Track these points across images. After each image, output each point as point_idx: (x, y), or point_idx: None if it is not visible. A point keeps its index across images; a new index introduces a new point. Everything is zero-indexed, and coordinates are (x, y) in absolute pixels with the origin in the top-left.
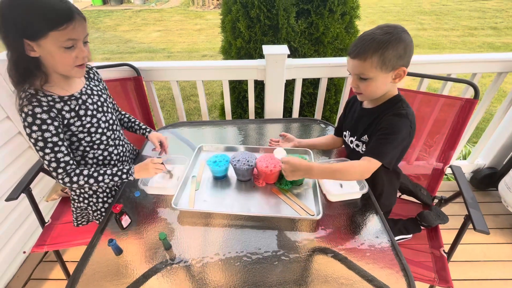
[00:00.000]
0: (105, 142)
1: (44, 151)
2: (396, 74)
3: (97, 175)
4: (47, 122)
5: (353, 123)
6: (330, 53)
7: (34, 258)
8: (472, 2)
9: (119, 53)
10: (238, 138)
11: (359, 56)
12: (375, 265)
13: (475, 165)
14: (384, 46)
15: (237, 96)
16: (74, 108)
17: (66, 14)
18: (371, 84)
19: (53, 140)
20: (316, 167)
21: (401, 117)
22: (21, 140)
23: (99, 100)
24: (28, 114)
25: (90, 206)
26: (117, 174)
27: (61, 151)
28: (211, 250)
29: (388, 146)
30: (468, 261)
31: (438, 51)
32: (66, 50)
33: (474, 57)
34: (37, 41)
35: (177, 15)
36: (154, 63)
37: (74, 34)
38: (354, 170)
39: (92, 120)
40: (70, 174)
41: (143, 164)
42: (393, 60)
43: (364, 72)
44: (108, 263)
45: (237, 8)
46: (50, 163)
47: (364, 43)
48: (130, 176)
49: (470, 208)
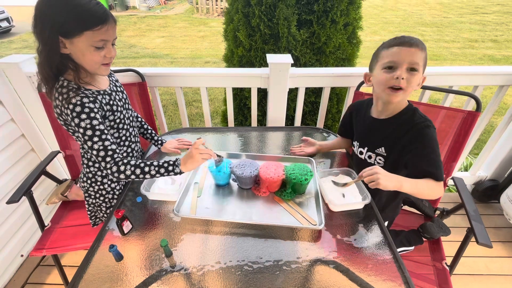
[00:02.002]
0: (129, 138)
1: (93, 139)
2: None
3: (144, 166)
4: (94, 110)
5: (364, 133)
6: (332, 63)
7: (32, 262)
8: (473, 15)
9: (123, 58)
10: (240, 145)
11: (416, 45)
12: (377, 277)
13: (477, 177)
14: (425, 48)
15: (238, 103)
16: (108, 102)
17: (102, 16)
18: (417, 77)
19: (100, 128)
20: (405, 178)
21: (430, 128)
22: (24, 142)
23: (123, 97)
24: (77, 104)
25: (105, 203)
26: (163, 166)
27: (108, 139)
28: (212, 258)
29: (438, 159)
30: (470, 274)
31: (439, 62)
32: (96, 49)
33: (476, 69)
34: (70, 39)
35: (181, 22)
36: (159, 69)
37: (106, 36)
38: (431, 188)
39: (120, 116)
40: (118, 163)
41: (187, 154)
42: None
43: (418, 62)
44: (108, 269)
45: (238, 18)
46: (99, 152)
47: (411, 38)
48: (176, 167)
49: (473, 220)
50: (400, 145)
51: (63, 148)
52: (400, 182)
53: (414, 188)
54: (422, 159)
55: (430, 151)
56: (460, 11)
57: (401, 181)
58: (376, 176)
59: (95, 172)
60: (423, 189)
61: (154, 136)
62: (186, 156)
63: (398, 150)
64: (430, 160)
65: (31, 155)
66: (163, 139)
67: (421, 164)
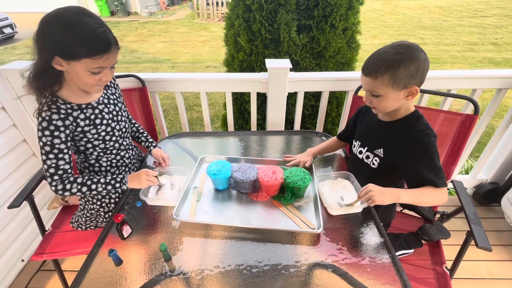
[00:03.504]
0: (117, 148)
1: (48, 156)
2: (409, 92)
3: (90, 183)
4: (60, 129)
5: (367, 133)
6: (332, 67)
7: (32, 266)
8: (472, 18)
9: (124, 63)
10: (239, 149)
11: (370, 74)
12: (376, 281)
13: (477, 180)
14: (395, 66)
15: (239, 107)
16: (89, 116)
17: (104, 46)
18: (383, 100)
19: (60, 147)
20: (401, 190)
21: (431, 137)
22: (26, 148)
23: (115, 110)
24: (45, 119)
25: (103, 208)
26: (111, 183)
27: (64, 158)
28: (211, 262)
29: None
30: (471, 278)
31: (439, 65)
32: (92, 73)
33: (474, 73)
34: (68, 61)
35: (182, 27)
36: (159, 74)
37: (105, 63)
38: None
39: (107, 129)
40: (64, 182)
41: (136, 173)
42: (404, 79)
43: (375, 90)
44: (107, 273)
45: (239, 23)
46: (49, 168)
47: (375, 62)
48: (123, 185)
49: (472, 224)
50: (398, 149)
51: None
52: (396, 194)
53: (413, 197)
54: (420, 166)
55: (428, 159)
56: (460, 14)
57: (397, 194)
58: (370, 194)
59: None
60: (423, 197)
61: (149, 139)
62: (133, 176)
63: (395, 154)
64: (428, 168)
65: (33, 160)
66: (156, 144)
67: (419, 172)
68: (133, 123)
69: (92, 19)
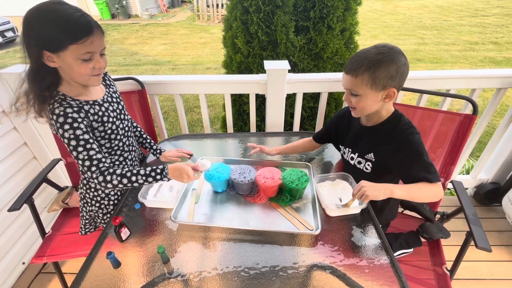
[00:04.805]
0: (121, 148)
1: (77, 149)
2: (387, 94)
3: (131, 175)
4: (78, 120)
5: (354, 140)
6: (330, 68)
7: (33, 269)
8: (473, 18)
9: (125, 65)
10: (238, 151)
11: (351, 72)
12: (374, 282)
13: (478, 180)
14: (375, 65)
15: (237, 108)
16: (97, 113)
17: (85, 29)
18: (361, 100)
19: (84, 138)
20: (395, 185)
21: (415, 135)
22: (26, 151)
23: (118, 108)
24: (60, 114)
25: (101, 209)
26: (151, 175)
27: (93, 148)
28: (209, 264)
29: (426, 163)
30: (472, 279)
31: (439, 65)
32: (83, 61)
33: (473, 73)
34: (57, 53)
35: (182, 29)
36: (158, 77)
37: (92, 48)
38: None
39: (112, 126)
40: (103, 173)
41: (178, 169)
42: (383, 80)
43: (355, 88)
44: (106, 276)
45: (237, 25)
46: (84, 161)
47: (357, 60)
48: (165, 177)
49: (472, 224)
50: (387, 151)
51: (64, 156)
52: (389, 189)
53: (407, 192)
54: (411, 166)
55: (417, 157)
56: (460, 14)
57: (390, 188)
58: (363, 190)
59: (89, 179)
60: (419, 192)
61: (153, 145)
62: (175, 170)
63: (385, 156)
64: (419, 167)
65: (33, 163)
66: (161, 148)
67: (411, 171)
68: (135, 126)
69: (69, 5)
